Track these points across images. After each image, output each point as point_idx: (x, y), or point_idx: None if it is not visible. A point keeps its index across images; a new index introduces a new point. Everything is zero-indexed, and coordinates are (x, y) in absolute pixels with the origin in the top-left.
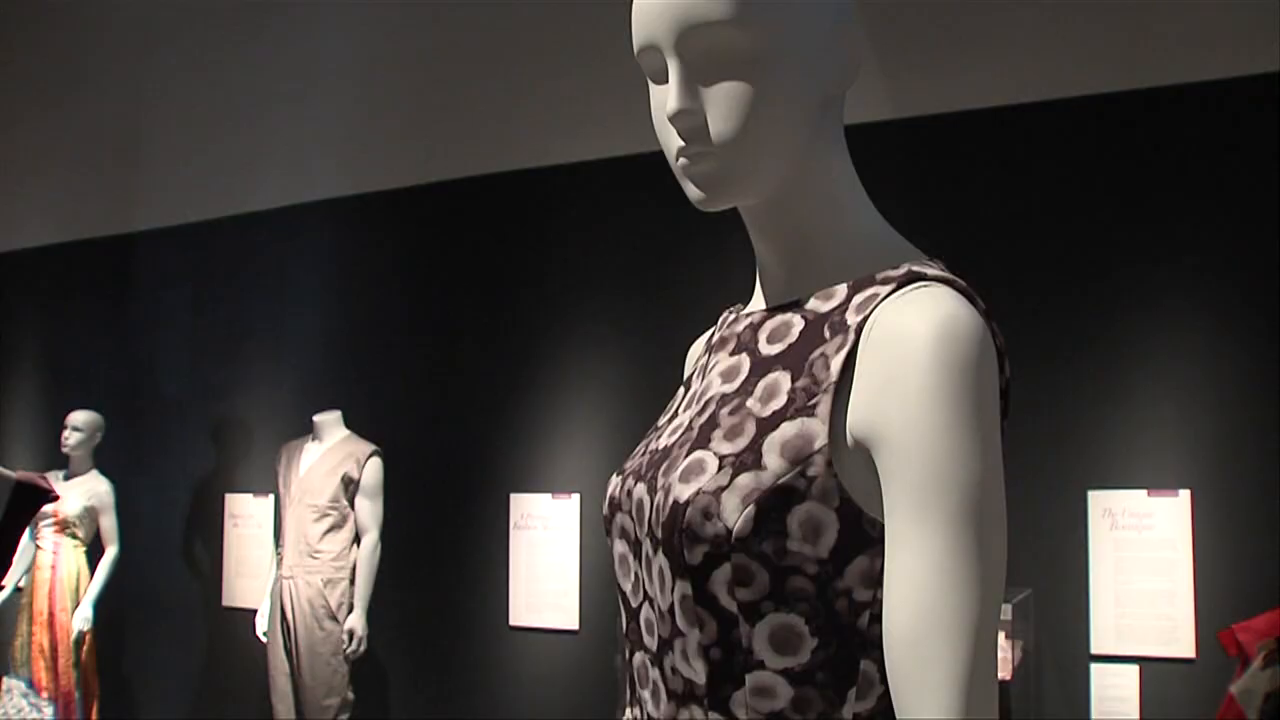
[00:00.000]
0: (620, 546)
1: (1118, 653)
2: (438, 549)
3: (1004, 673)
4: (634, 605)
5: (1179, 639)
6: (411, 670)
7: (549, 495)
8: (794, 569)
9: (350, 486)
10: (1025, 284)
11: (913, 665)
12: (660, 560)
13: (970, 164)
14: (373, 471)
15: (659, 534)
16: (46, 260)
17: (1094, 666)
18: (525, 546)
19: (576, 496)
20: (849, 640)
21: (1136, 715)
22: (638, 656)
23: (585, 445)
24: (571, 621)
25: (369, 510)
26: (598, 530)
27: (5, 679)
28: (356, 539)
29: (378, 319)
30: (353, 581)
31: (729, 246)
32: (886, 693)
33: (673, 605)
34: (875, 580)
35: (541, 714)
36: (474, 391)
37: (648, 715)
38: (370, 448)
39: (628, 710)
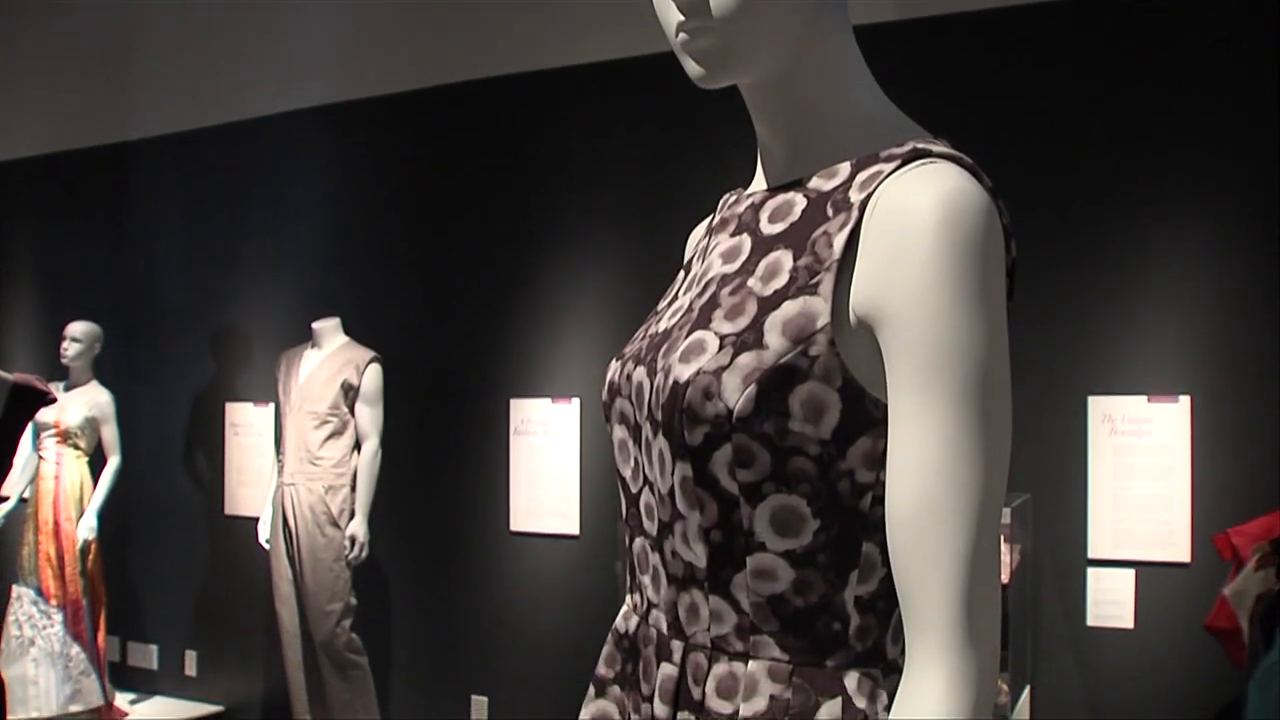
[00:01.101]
0: (620, 432)
1: (1114, 557)
2: (438, 455)
3: (1002, 576)
4: (634, 491)
5: (1175, 544)
6: (413, 575)
7: (549, 400)
8: (795, 450)
9: (350, 393)
10: (1027, 190)
11: (915, 545)
12: (660, 443)
13: (971, 68)
14: (372, 378)
15: (659, 416)
16: (41, 170)
17: (1090, 570)
18: (525, 452)
19: (576, 401)
20: (851, 522)
21: (1131, 618)
22: (638, 542)
23: (585, 350)
24: (572, 526)
25: (369, 416)
26: (598, 435)
27: (14, 587)
28: (357, 445)
29: (376, 225)
30: (354, 488)
31: (728, 151)
32: (888, 575)
33: (673, 488)
34: (878, 461)
35: (542, 619)
36: (473, 296)
37: (648, 601)
38: (369, 354)
39: (628, 597)
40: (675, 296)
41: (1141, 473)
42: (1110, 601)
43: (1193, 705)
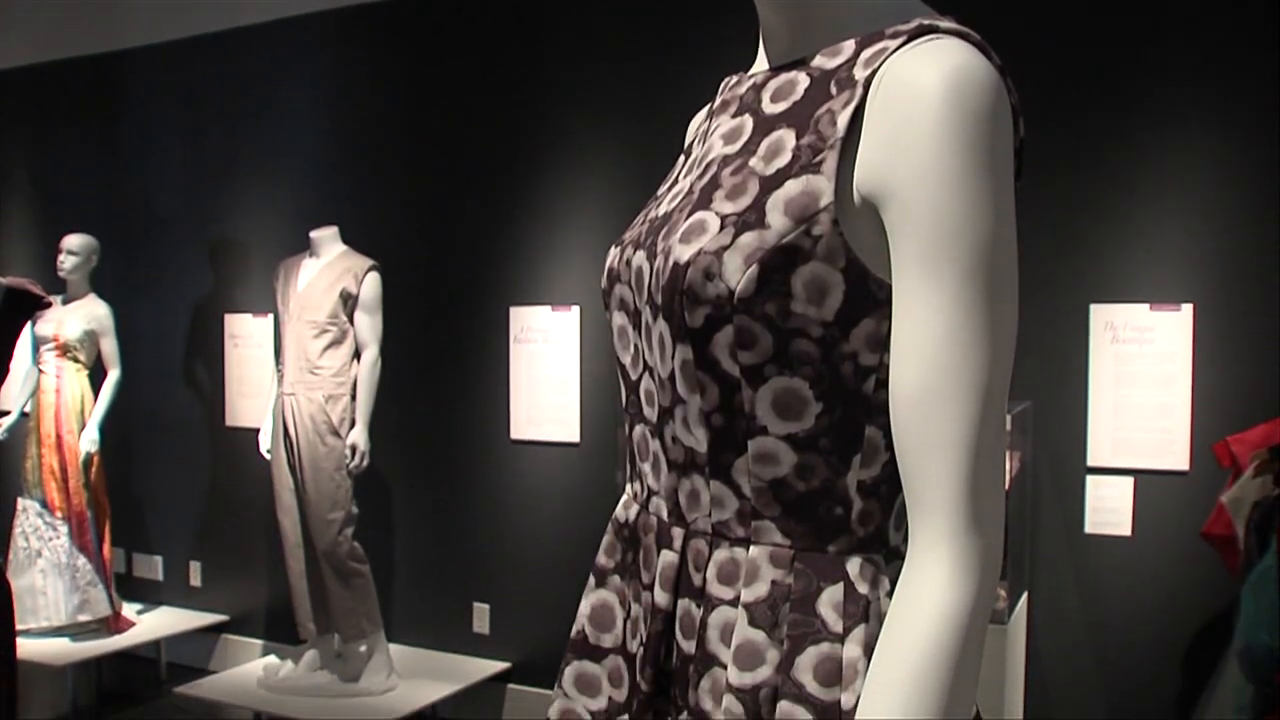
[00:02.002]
0: (619, 318)
1: (1113, 465)
2: (437, 363)
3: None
4: (633, 378)
5: (1174, 452)
6: (413, 484)
7: (549, 308)
8: (798, 331)
9: (349, 302)
10: (1030, 94)
11: (918, 426)
12: (660, 326)
13: None
14: (371, 286)
15: (659, 299)
16: (32, 81)
17: (1089, 478)
18: (525, 360)
19: (576, 309)
20: (854, 405)
21: (1129, 526)
22: (637, 429)
23: (584, 257)
24: (572, 434)
25: (368, 325)
26: (598, 343)
27: (19, 500)
28: (356, 354)
29: (373, 133)
30: (354, 397)
31: (728, 52)
32: (892, 460)
33: (673, 372)
34: (881, 344)
35: (543, 526)
36: (472, 204)
37: (648, 488)
38: (368, 262)
39: (628, 486)
40: (675, 180)
41: (1142, 381)
42: (1108, 509)
43: (1188, 611)
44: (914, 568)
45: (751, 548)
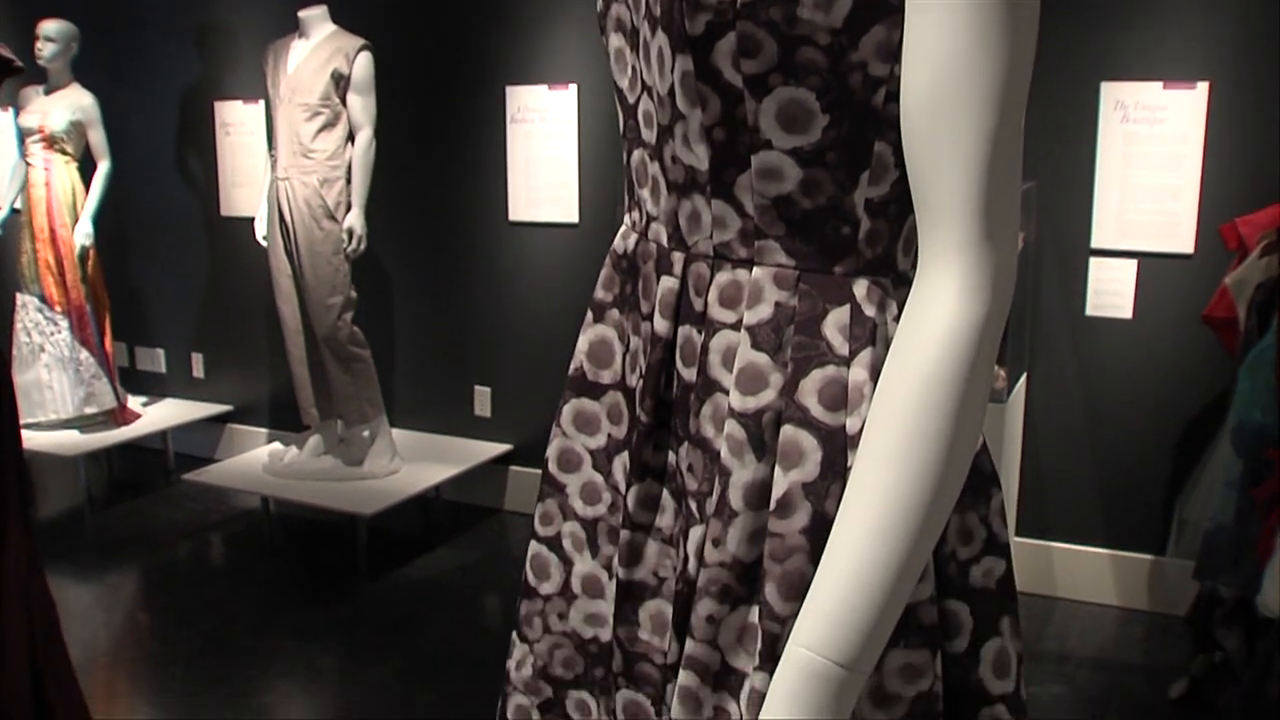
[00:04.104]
0: (616, 40)
1: (1117, 247)
2: (433, 145)
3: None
4: (631, 101)
5: (1179, 234)
6: (412, 267)
7: (545, 87)
8: (804, 39)
9: (341, 83)
10: None
11: (931, 137)
12: (659, 40)
13: None
14: (363, 66)
15: (656, 10)
16: None
17: (1092, 260)
18: (522, 140)
19: (574, 87)
20: (863, 119)
21: (1130, 309)
22: (635, 154)
23: (582, 34)
24: (571, 215)
25: (361, 106)
26: (596, 122)
27: (19, 295)
28: (351, 137)
29: None
30: (349, 180)
31: None
32: (901, 178)
33: (672, 87)
34: (893, 54)
35: (543, 308)
36: None
37: (646, 215)
38: (359, 42)
39: (626, 216)
40: None
41: (1151, 162)
42: (1110, 291)
43: (1184, 394)
44: (923, 284)
45: (754, 269)
